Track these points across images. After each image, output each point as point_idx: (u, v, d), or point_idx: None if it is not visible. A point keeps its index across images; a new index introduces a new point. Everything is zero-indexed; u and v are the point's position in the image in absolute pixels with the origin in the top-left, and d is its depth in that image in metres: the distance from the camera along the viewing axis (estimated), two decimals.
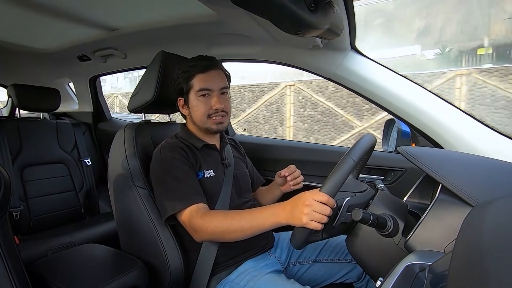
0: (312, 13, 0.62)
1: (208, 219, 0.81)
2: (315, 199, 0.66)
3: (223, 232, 0.80)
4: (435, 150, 0.94)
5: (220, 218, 0.81)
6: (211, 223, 0.81)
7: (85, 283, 0.83)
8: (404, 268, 0.48)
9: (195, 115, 0.97)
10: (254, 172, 1.21)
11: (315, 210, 0.65)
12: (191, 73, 0.94)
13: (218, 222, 0.80)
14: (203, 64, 0.94)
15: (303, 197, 0.69)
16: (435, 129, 1.01)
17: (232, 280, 0.89)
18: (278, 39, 1.06)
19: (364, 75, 1.08)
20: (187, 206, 0.84)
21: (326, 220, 0.65)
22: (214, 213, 0.85)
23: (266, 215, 0.76)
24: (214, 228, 0.80)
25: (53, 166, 1.67)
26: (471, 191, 0.56)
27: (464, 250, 0.35)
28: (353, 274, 1.00)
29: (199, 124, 0.97)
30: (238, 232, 0.79)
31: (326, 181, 0.65)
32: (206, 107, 0.94)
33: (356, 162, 0.66)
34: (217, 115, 0.95)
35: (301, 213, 0.67)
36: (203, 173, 0.94)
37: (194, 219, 0.83)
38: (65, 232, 1.46)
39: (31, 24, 1.34)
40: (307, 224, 0.66)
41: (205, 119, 0.95)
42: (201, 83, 0.93)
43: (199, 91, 0.93)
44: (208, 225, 0.81)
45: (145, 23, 1.29)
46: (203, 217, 0.82)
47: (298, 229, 0.68)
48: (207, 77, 0.94)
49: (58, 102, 1.81)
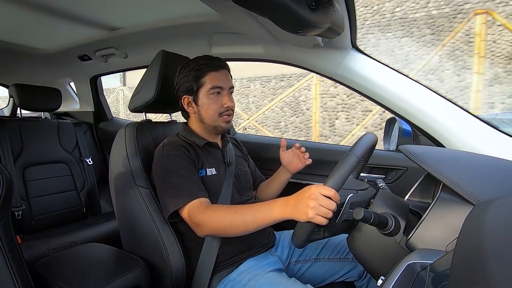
0: (313, 12, 0.62)
1: (211, 213, 0.81)
2: (321, 193, 0.64)
3: (226, 226, 0.79)
4: (436, 148, 0.94)
5: (223, 213, 0.80)
6: (214, 217, 0.80)
7: (87, 283, 0.83)
8: (405, 267, 0.48)
9: (205, 113, 0.96)
10: (256, 171, 1.21)
11: (321, 204, 0.64)
12: (203, 71, 0.94)
13: (221, 217, 0.80)
14: (215, 63, 0.95)
15: (309, 191, 0.67)
16: (436, 128, 1.00)
17: (233, 278, 0.89)
18: (279, 38, 1.06)
19: (365, 73, 1.07)
20: (190, 200, 0.84)
21: (331, 215, 0.64)
22: (217, 207, 0.85)
23: (270, 209, 0.75)
24: (217, 223, 0.80)
25: (54, 166, 1.68)
26: (472, 189, 0.56)
27: (466, 249, 0.35)
28: (354, 272, 1.00)
29: (208, 122, 0.97)
30: (241, 226, 0.78)
31: (330, 176, 0.65)
32: (217, 105, 0.95)
33: (359, 159, 0.66)
34: (227, 113, 0.96)
35: (307, 207, 0.65)
36: (205, 171, 0.94)
37: (197, 213, 0.82)
38: (66, 231, 1.47)
39: (32, 24, 1.34)
40: (313, 219, 0.64)
41: (216, 117, 0.96)
42: (214, 81, 0.94)
43: (212, 88, 0.94)
44: (211, 219, 0.80)
45: (146, 22, 1.29)
46: (206, 211, 0.81)
47: (300, 227, 0.67)
48: (219, 75, 0.95)
49: (59, 102, 1.81)
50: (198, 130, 1.01)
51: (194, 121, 1.01)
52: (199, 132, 1.01)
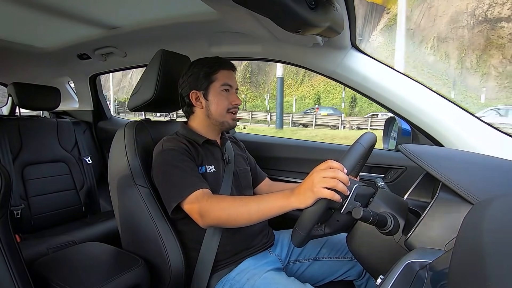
0: (313, 11, 0.62)
1: (216, 201, 0.81)
2: (329, 165, 0.62)
3: (230, 214, 0.78)
4: (435, 148, 0.94)
5: (227, 201, 0.80)
6: (218, 205, 0.80)
7: (86, 282, 0.83)
8: (404, 266, 0.48)
9: (214, 108, 0.98)
10: (256, 168, 1.21)
11: (327, 176, 0.60)
12: (215, 68, 0.97)
13: (226, 204, 0.79)
14: (226, 62, 1.00)
15: (314, 169, 0.66)
16: (435, 127, 1.00)
17: (232, 277, 0.89)
18: (279, 37, 1.06)
19: (365, 73, 1.08)
20: (194, 191, 0.83)
21: (342, 187, 0.59)
22: (221, 196, 0.87)
23: (275, 198, 0.73)
24: (221, 210, 0.79)
25: (53, 165, 1.67)
26: (471, 189, 0.56)
27: (465, 248, 0.35)
28: (354, 272, 1.01)
29: (216, 117, 0.98)
30: (245, 215, 0.76)
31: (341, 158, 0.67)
32: (227, 101, 0.98)
33: (366, 149, 0.69)
34: (235, 111, 1.00)
35: (311, 182, 0.61)
36: (205, 168, 0.94)
37: (201, 202, 0.81)
38: (66, 230, 1.47)
39: (31, 22, 1.33)
40: (319, 193, 0.60)
41: (224, 112, 0.98)
42: (225, 79, 0.98)
43: (223, 85, 0.97)
44: (214, 207, 0.80)
45: (146, 21, 1.29)
46: (210, 199, 0.81)
47: (305, 216, 0.65)
48: (229, 74, 1.00)
49: (58, 101, 1.81)
50: (199, 128, 1.01)
51: (198, 118, 1.01)
52: (199, 130, 1.01)
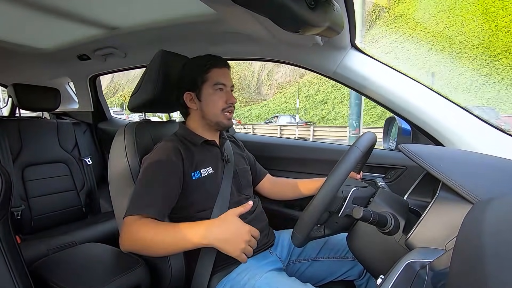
0: (312, 11, 0.62)
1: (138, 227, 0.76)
2: (253, 235, 0.75)
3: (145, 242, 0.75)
4: (435, 147, 0.94)
5: (148, 228, 0.76)
6: (139, 232, 0.76)
7: (87, 282, 0.83)
8: (405, 266, 0.48)
9: (208, 108, 0.97)
10: (256, 166, 1.21)
11: (250, 245, 0.74)
12: (207, 67, 0.96)
13: (144, 232, 0.75)
14: (218, 61, 0.98)
15: (243, 230, 0.74)
16: (435, 127, 1.00)
17: (233, 278, 0.89)
18: (278, 37, 1.06)
19: (365, 73, 1.08)
20: (135, 214, 0.79)
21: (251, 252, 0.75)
22: (147, 221, 0.78)
23: (193, 232, 0.73)
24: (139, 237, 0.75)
25: (54, 166, 1.67)
26: (471, 188, 0.56)
27: (465, 248, 0.35)
28: (354, 271, 1.01)
29: (211, 118, 0.97)
30: (160, 245, 0.74)
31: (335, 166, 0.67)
32: (221, 100, 0.96)
33: (363, 152, 0.68)
34: (230, 110, 0.98)
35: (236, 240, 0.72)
36: (200, 172, 0.93)
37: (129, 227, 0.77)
38: (66, 231, 1.47)
39: (31, 23, 1.33)
40: (238, 257, 0.73)
41: (219, 112, 0.97)
42: (218, 77, 0.96)
43: (216, 84, 0.96)
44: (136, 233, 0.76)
45: (145, 22, 1.29)
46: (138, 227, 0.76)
47: (301, 224, 0.67)
48: (223, 72, 0.97)
49: (58, 102, 1.81)
50: (197, 129, 1.01)
51: (194, 119, 1.01)
52: (197, 130, 1.00)
